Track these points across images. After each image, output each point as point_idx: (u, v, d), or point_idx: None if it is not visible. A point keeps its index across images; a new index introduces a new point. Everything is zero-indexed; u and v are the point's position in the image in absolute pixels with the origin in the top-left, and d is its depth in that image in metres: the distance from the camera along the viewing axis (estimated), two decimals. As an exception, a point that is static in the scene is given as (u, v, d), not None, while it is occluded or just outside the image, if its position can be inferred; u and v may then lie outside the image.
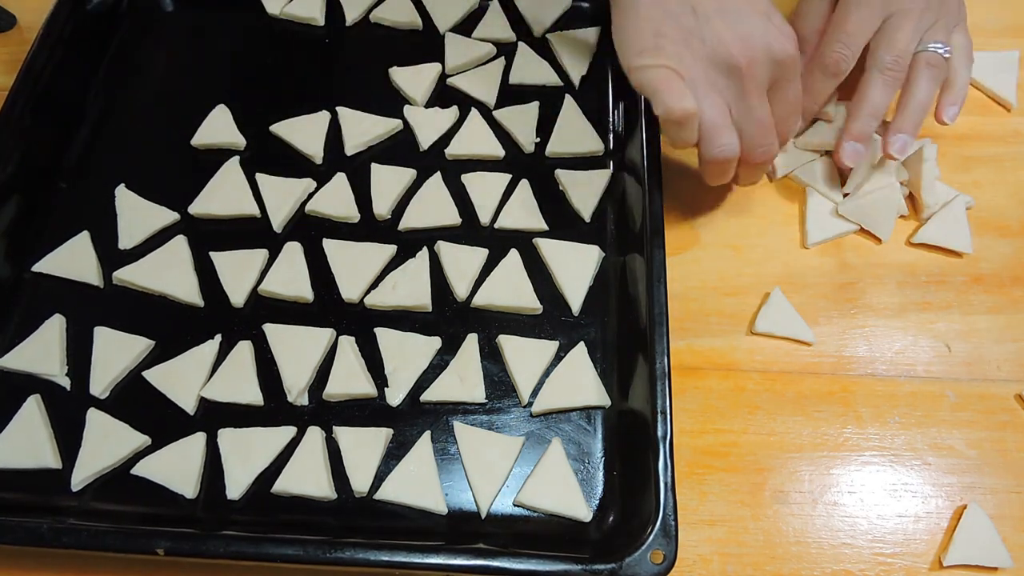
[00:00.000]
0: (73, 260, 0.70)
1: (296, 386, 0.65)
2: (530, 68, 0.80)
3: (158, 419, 0.64)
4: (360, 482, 0.61)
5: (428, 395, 0.65)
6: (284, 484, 0.61)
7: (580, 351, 0.66)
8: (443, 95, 0.80)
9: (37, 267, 0.70)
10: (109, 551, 0.56)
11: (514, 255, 0.70)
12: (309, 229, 0.72)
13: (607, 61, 0.82)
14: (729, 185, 0.75)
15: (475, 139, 0.76)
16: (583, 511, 0.60)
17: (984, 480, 0.64)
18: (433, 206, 0.73)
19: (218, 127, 0.76)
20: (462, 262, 0.70)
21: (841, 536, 0.62)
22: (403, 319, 0.68)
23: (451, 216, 0.72)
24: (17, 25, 0.88)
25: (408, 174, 0.74)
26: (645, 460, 0.57)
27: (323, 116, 0.77)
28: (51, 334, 0.66)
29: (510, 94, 0.79)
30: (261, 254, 0.70)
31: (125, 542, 0.56)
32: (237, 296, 0.69)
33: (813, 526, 0.62)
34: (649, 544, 0.53)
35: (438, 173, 0.74)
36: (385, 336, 0.67)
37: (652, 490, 0.55)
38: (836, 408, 0.67)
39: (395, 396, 0.65)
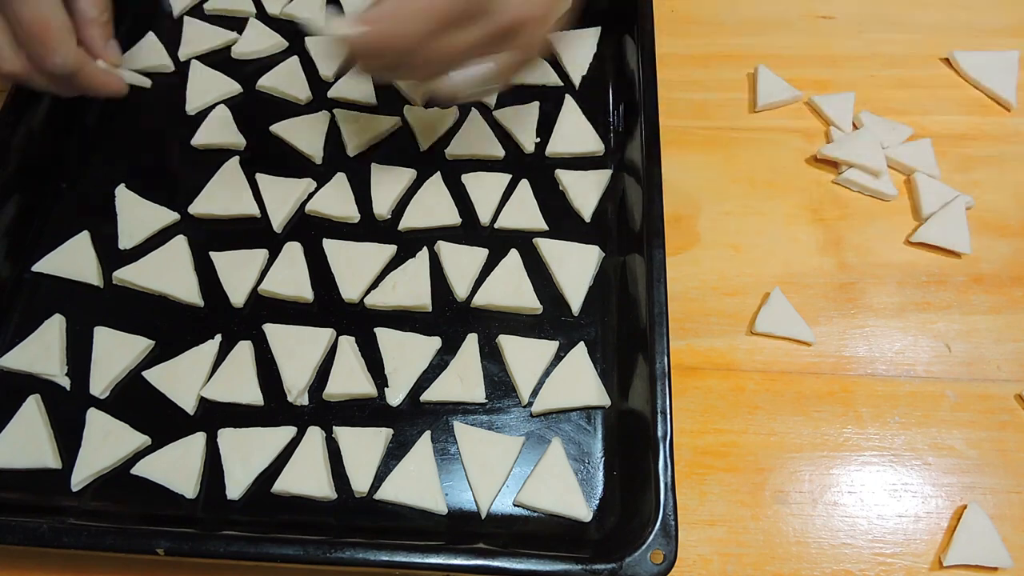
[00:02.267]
0: (73, 260, 0.70)
1: (296, 386, 0.64)
2: (530, 68, 0.80)
3: (158, 419, 0.64)
4: (360, 482, 0.61)
5: (428, 395, 0.65)
6: (284, 484, 0.61)
7: (580, 351, 0.66)
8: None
9: (37, 267, 0.70)
10: (109, 551, 0.56)
11: (514, 255, 0.70)
12: (309, 229, 0.72)
13: (607, 61, 0.82)
14: (730, 185, 0.76)
15: (475, 139, 0.76)
16: (583, 511, 0.60)
17: (984, 480, 0.64)
18: (433, 206, 0.73)
19: (218, 127, 0.76)
20: (462, 262, 0.70)
21: (841, 536, 0.62)
22: (403, 319, 0.68)
23: (451, 216, 0.72)
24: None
25: (408, 174, 0.74)
26: (645, 460, 0.57)
27: (323, 116, 0.77)
28: (51, 334, 0.66)
29: (510, 94, 0.79)
30: (261, 254, 0.70)
31: (125, 542, 0.56)
32: (237, 296, 0.68)
33: (813, 526, 0.62)
34: (649, 544, 0.53)
35: (438, 173, 0.74)
36: (385, 336, 0.67)
37: (652, 490, 0.55)
38: (836, 408, 0.67)
39: (395, 396, 0.65)
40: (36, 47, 0.62)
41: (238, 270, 0.69)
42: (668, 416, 0.57)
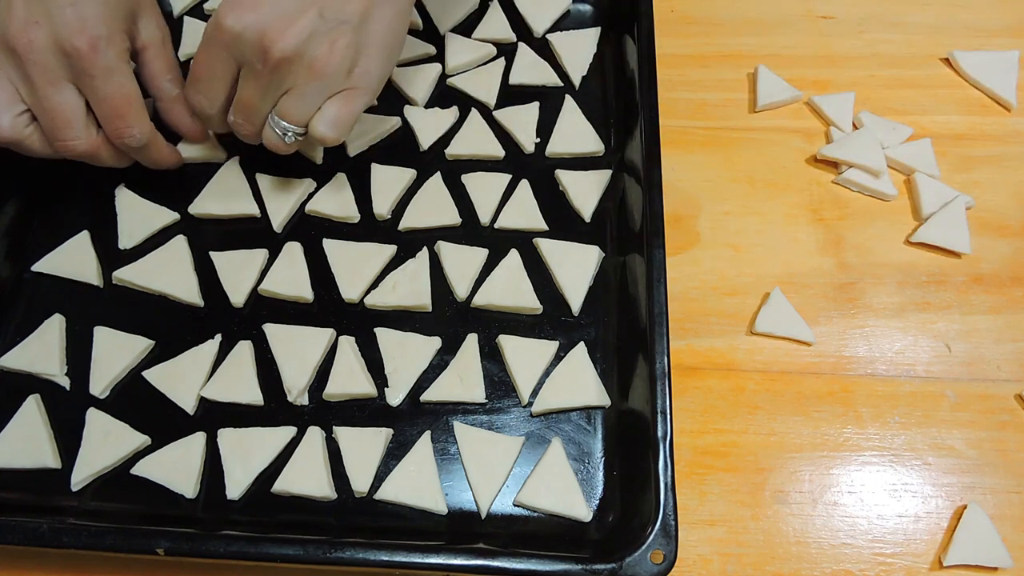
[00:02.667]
0: (73, 260, 0.70)
1: (296, 386, 0.64)
2: (530, 68, 0.80)
3: (158, 419, 0.64)
4: (360, 482, 0.61)
5: (428, 395, 0.65)
6: (284, 484, 0.61)
7: (580, 351, 0.66)
8: (443, 95, 0.80)
9: (37, 267, 0.69)
10: (109, 551, 0.55)
11: (514, 255, 0.70)
12: (309, 229, 0.72)
13: (607, 61, 0.81)
14: (730, 185, 0.76)
15: (475, 139, 0.76)
16: (583, 511, 0.60)
17: (984, 480, 0.64)
18: (433, 206, 0.72)
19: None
20: (462, 262, 0.70)
21: (841, 536, 0.62)
22: (403, 319, 0.68)
23: (451, 216, 0.72)
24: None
25: (408, 174, 0.74)
26: (645, 460, 0.57)
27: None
28: (51, 334, 0.66)
29: (510, 94, 0.79)
30: (261, 254, 0.70)
31: (125, 542, 0.55)
32: (237, 296, 0.68)
33: (813, 526, 0.62)
34: (649, 544, 0.53)
35: (438, 173, 0.74)
36: (385, 336, 0.67)
37: (652, 490, 0.55)
38: (836, 408, 0.67)
39: (395, 396, 0.65)
40: (116, 121, 0.64)
41: (238, 270, 0.69)
42: (668, 416, 0.57)
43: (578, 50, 0.81)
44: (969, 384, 0.68)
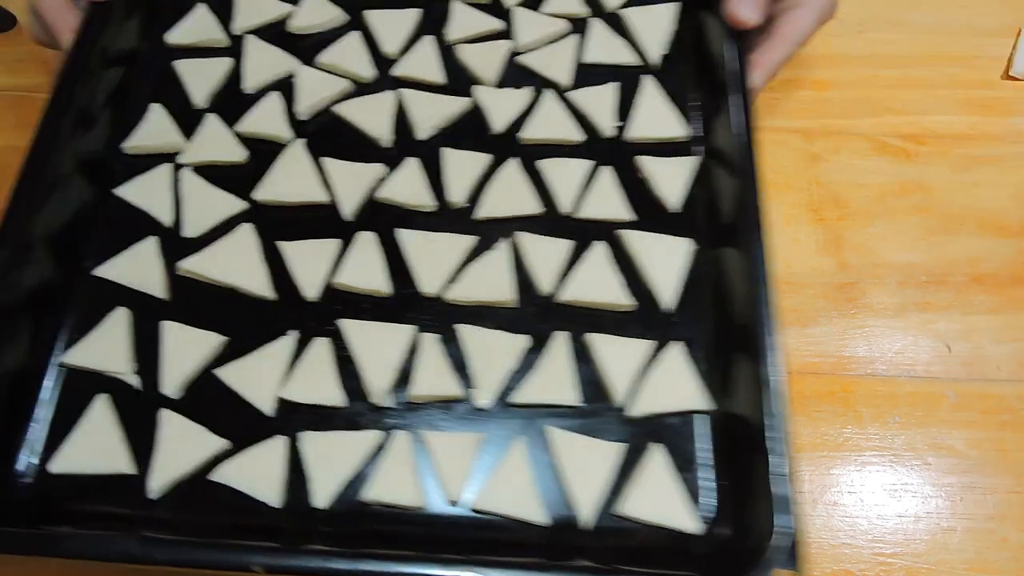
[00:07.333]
0: (136, 267, 0.62)
1: (379, 386, 0.59)
2: (605, 46, 0.74)
3: (233, 420, 0.58)
4: (452, 491, 0.57)
5: (518, 397, 0.60)
6: (372, 492, 0.56)
7: (678, 350, 0.61)
8: (513, 74, 0.73)
9: (98, 271, 0.62)
10: (203, 567, 0.50)
11: (600, 247, 0.65)
12: (380, 217, 0.65)
13: (688, 39, 0.76)
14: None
15: (550, 122, 0.70)
16: (692, 523, 0.55)
17: (984, 480, 0.64)
18: (511, 194, 0.66)
19: (267, 117, 0.69)
20: (545, 254, 0.64)
21: (841, 536, 0.62)
22: (485, 315, 0.63)
23: (531, 205, 0.66)
24: (17, 25, 0.84)
25: (483, 159, 0.68)
26: (757, 470, 0.52)
27: (388, 96, 0.70)
28: (117, 328, 0.59)
29: (585, 74, 0.73)
30: (333, 244, 0.63)
31: (221, 557, 0.50)
32: (310, 289, 0.62)
33: (813, 526, 0.62)
34: (771, 563, 0.48)
35: (515, 159, 0.68)
36: (468, 333, 0.62)
37: (766, 503, 0.50)
38: (836, 408, 0.66)
39: (483, 398, 0.60)
40: None
41: (310, 261, 0.63)
42: (783, 422, 0.52)
43: (656, 27, 0.75)
44: (969, 384, 0.68)
